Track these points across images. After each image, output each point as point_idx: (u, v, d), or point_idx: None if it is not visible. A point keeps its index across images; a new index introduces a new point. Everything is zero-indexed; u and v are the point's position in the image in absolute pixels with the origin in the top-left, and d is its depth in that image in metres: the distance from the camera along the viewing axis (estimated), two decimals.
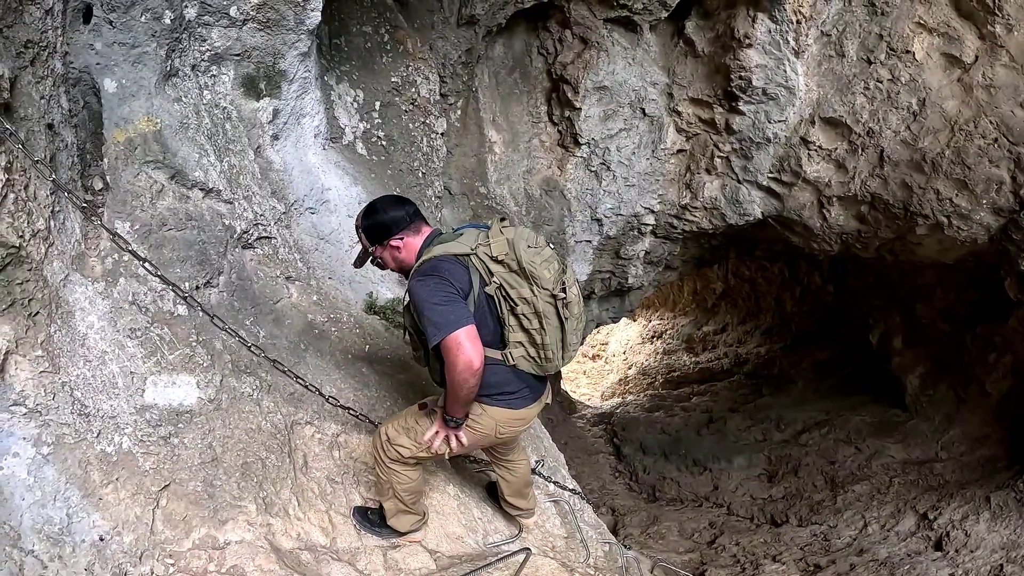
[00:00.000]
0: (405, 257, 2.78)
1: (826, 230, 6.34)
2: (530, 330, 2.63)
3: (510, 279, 2.59)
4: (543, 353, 2.67)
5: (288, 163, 3.94)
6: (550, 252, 2.69)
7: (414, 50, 4.81)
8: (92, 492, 2.61)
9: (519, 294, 2.58)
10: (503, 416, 2.80)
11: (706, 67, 5.95)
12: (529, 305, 2.59)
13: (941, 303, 8.34)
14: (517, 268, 2.57)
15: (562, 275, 2.66)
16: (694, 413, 10.84)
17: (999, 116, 5.06)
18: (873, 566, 6.05)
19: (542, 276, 2.58)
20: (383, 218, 2.77)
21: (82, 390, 2.70)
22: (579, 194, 6.39)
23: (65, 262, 2.82)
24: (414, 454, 2.86)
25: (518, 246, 2.58)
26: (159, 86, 3.31)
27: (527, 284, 2.58)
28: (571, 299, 2.63)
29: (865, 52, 5.36)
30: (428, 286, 2.54)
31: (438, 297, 2.52)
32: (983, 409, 7.69)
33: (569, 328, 2.67)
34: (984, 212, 5.41)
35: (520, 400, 2.81)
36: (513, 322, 2.63)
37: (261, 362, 3.21)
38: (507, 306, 2.61)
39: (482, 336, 2.63)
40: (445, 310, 2.50)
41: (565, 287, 2.62)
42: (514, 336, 2.65)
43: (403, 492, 2.96)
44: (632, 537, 7.31)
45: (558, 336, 2.66)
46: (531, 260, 2.58)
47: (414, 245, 2.76)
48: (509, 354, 2.68)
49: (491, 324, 2.67)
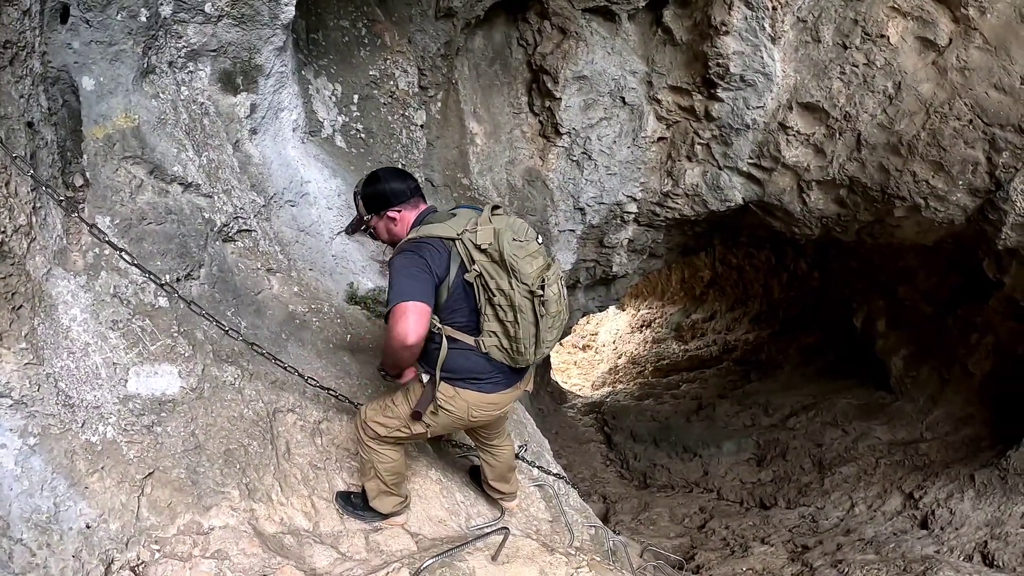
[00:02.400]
0: (399, 230, 2.83)
1: (806, 214, 6.40)
2: (504, 322, 2.66)
3: (491, 268, 2.61)
4: (515, 346, 2.71)
5: (267, 157, 3.98)
6: (536, 247, 2.70)
7: (392, 43, 4.85)
8: (78, 481, 2.66)
9: (497, 285, 2.61)
10: (475, 399, 2.84)
11: (685, 55, 6.00)
12: (506, 297, 2.62)
13: (923, 286, 8.43)
14: (499, 259, 2.59)
15: (544, 271, 2.66)
16: (684, 400, 10.94)
17: (973, 98, 5.12)
18: (860, 545, 6.13)
19: (523, 270, 2.60)
20: (384, 188, 2.82)
21: (66, 381, 2.76)
22: (561, 184, 6.44)
23: (47, 256, 2.86)
24: (391, 432, 2.93)
25: (503, 237, 2.59)
26: (137, 83, 3.35)
27: (507, 276, 2.60)
28: (549, 297, 2.64)
29: (841, 37, 5.41)
30: (404, 259, 2.61)
31: (408, 270, 2.58)
32: (966, 389, 7.79)
33: (544, 325, 2.69)
34: (960, 193, 5.48)
35: (492, 384, 2.85)
36: (489, 312, 2.67)
37: (243, 351, 3.26)
38: (485, 295, 2.64)
39: (457, 321, 2.71)
40: (408, 282, 2.56)
41: (544, 284, 2.63)
42: (488, 325, 2.69)
43: (384, 472, 3.02)
44: (623, 524, 7.38)
45: (532, 332, 2.69)
46: (513, 253, 2.59)
47: (409, 219, 2.82)
48: (482, 342, 2.73)
49: (467, 310, 2.71)
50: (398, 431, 2.93)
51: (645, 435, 9.96)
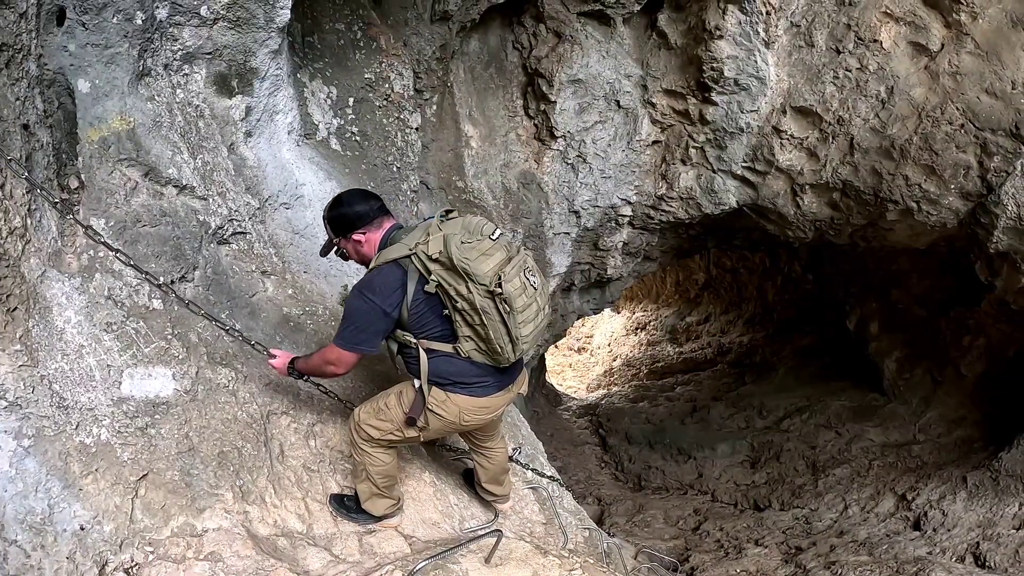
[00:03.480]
0: (367, 251, 2.89)
1: (800, 217, 6.43)
2: (474, 325, 2.67)
3: (447, 276, 2.61)
4: (491, 347, 2.70)
5: (262, 159, 3.99)
6: (490, 244, 2.66)
7: (387, 46, 4.86)
8: (72, 483, 2.67)
9: (456, 291, 2.61)
10: (466, 403, 2.86)
11: (679, 59, 6.02)
12: (467, 301, 2.61)
13: (916, 289, 8.47)
14: (451, 265, 2.59)
15: (503, 267, 2.62)
16: (678, 402, 10.97)
17: (965, 102, 5.15)
18: (853, 547, 6.17)
19: (476, 271, 2.57)
20: (347, 212, 2.88)
21: (60, 383, 2.76)
22: (556, 187, 6.46)
23: (42, 259, 2.87)
24: (384, 436, 2.95)
25: (450, 243, 2.58)
26: (132, 85, 3.36)
27: (463, 281, 2.59)
28: (509, 293, 2.59)
29: (834, 42, 5.44)
30: (355, 304, 2.74)
31: (358, 320, 2.73)
32: (959, 391, 7.84)
33: (512, 322, 2.65)
34: (952, 197, 5.51)
35: (482, 388, 2.87)
36: (458, 318, 2.69)
37: (237, 353, 3.27)
38: (449, 303, 2.66)
39: (430, 332, 2.76)
40: (355, 332, 2.75)
41: (501, 281, 2.58)
42: (462, 331, 2.72)
43: (376, 475, 3.03)
44: (618, 526, 7.40)
45: (503, 331, 2.67)
46: (463, 257, 2.57)
47: (375, 239, 2.87)
48: (460, 348, 2.75)
49: (437, 321, 2.74)
50: (391, 434, 2.95)
51: (640, 437, 9.99)
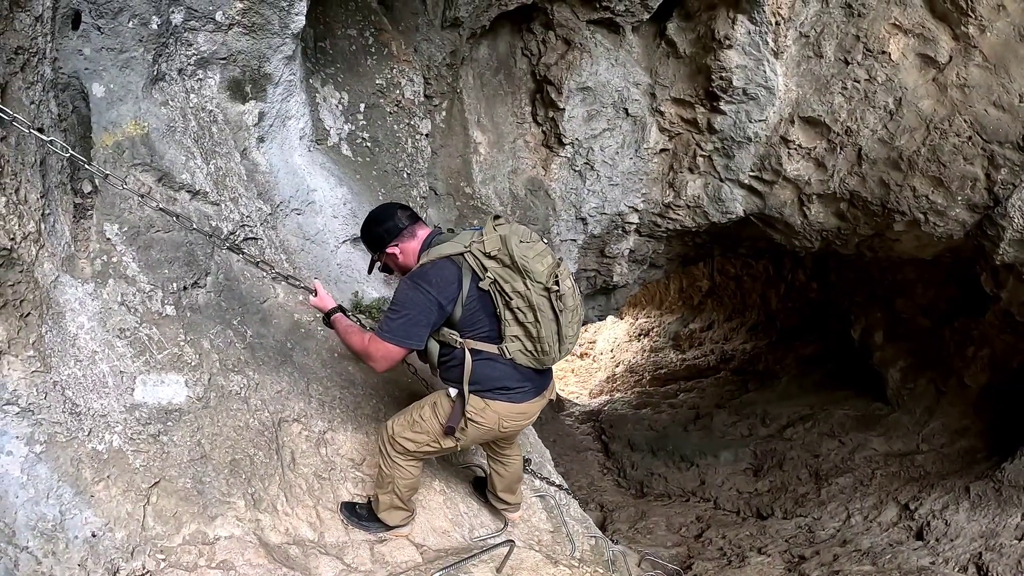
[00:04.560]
0: (404, 262, 2.90)
1: (807, 227, 6.43)
2: (525, 323, 2.72)
3: (504, 274, 2.67)
4: (540, 346, 2.76)
5: (274, 165, 3.99)
6: (543, 247, 2.78)
7: (399, 52, 4.86)
8: (84, 489, 2.66)
9: (513, 288, 2.67)
10: (505, 410, 2.88)
11: (688, 68, 6.03)
12: (523, 299, 2.68)
13: (921, 299, 8.46)
14: (510, 263, 2.66)
15: (556, 268, 2.73)
16: (681, 409, 10.94)
17: (973, 115, 5.16)
18: (856, 556, 6.15)
19: (535, 270, 2.66)
20: (377, 229, 2.92)
21: (73, 389, 2.76)
22: (564, 193, 6.46)
23: (55, 264, 2.87)
24: (420, 448, 2.96)
25: (510, 241, 2.66)
26: (146, 90, 3.36)
27: (520, 278, 2.66)
28: (564, 291, 2.71)
29: (842, 53, 5.45)
30: (409, 294, 2.68)
31: (412, 311, 2.67)
32: (962, 401, 7.83)
33: (564, 320, 2.74)
34: (959, 208, 5.52)
35: (522, 395, 2.89)
36: (509, 316, 2.72)
37: (248, 360, 3.27)
38: (502, 300, 2.70)
39: (478, 331, 2.77)
40: (406, 324, 2.68)
41: (558, 280, 2.70)
42: (510, 330, 2.74)
43: (403, 487, 3.05)
44: (620, 532, 7.38)
45: (554, 328, 2.75)
46: (523, 254, 2.66)
47: (411, 249, 2.88)
48: (506, 348, 2.78)
49: (486, 320, 2.76)
50: (427, 446, 2.95)
51: (642, 444, 9.97)
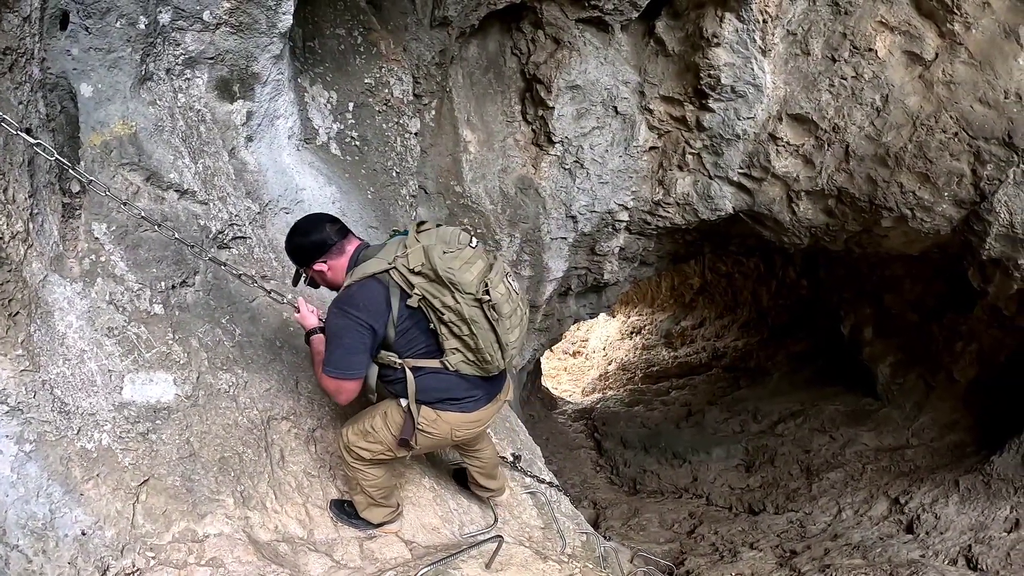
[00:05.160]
0: (332, 278, 2.79)
1: (795, 224, 6.47)
2: (462, 336, 2.62)
3: (431, 288, 2.56)
4: (481, 356, 2.67)
5: (262, 164, 4.00)
6: (471, 252, 2.63)
7: (387, 51, 4.87)
8: (74, 488, 2.67)
9: (442, 302, 2.56)
10: (457, 420, 2.83)
11: (676, 66, 6.05)
12: (455, 312, 2.57)
13: (909, 294, 8.53)
14: (435, 277, 2.54)
15: (486, 275, 2.60)
16: (673, 407, 11.00)
17: (959, 111, 5.20)
18: (847, 550, 6.20)
19: (462, 281, 2.53)
20: (303, 242, 2.77)
21: (62, 388, 2.76)
22: (554, 192, 6.48)
23: (44, 263, 2.88)
24: (375, 456, 2.92)
25: (432, 254, 2.53)
26: (134, 90, 3.37)
27: (448, 291, 2.55)
28: (497, 300, 2.58)
29: (830, 50, 5.49)
30: (340, 323, 2.57)
31: (346, 340, 2.57)
32: (951, 396, 7.90)
33: (501, 328, 2.63)
34: (946, 204, 5.56)
35: (473, 403, 2.84)
36: (444, 330, 2.63)
37: (237, 359, 3.28)
38: (435, 315, 2.60)
39: (416, 349, 2.68)
40: (345, 356, 2.57)
41: (488, 288, 2.57)
42: (449, 344, 2.66)
43: (370, 488, 3.03)
44: (614, 529, 7.42)
45: (492, 338, 2.64)
46: (448, 267, 2.53)
47: (340, 265, 2.75)
48: (447, 361, 2.69)
49: (422, 337, 2.68)
50: (382, 455, 2.92)
51: (635, 441, 10.01)
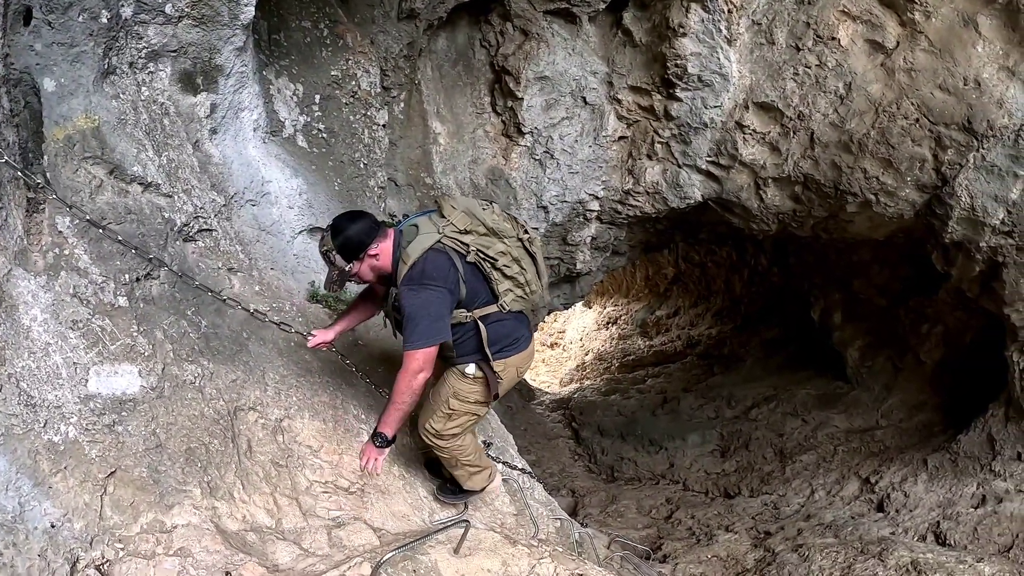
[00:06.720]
0: (382, 264, 3.02)
1: (763, 211, 6.56)
2: (513, 276, 3.05)
3: (483, 241, 2.96)
4: (529, 288, 3.13)
5: (227, 156, 3.99)
6: (498, 208, 3.10)
7: (354, 44, 4.88)
8: (42, 481, 2.66)
9: (496, 250, 2.98)
10: (517, 360, 3.23)
11: (644, 56, 6.11)
12: (506, 256, 3.00)
13: (877, 279, 8.66)
14: (486, 230, 2.96)
15: (514, 222, 3.09)
16: (649, 395, 11.09)
17: (920, 98, 5.30)
18: (819, 530, 6.32)
19: (503, 229, 2.99)
20: (356, 233, 2.98)
21: (28, 381, 2.76)
22: (524, 182, 6.52)
23: (8, 257, 2.86)
24: (464, 427, 3.28)
25: (477, 213, 2.96)
26: (97, 84, 3.36)
27: (498, 239, 2.98)
28: (533, 235, 3.11)
29: (794, 39, 5.57)
30: (422, 296, 2.85)
31: (433, 308, 2.86)
32: (919, 377, 8.05)
33: (539, 259, 3.14)
34: (909, 189, 5.67)
35: (524, 342, 3.25)
36: (497, 275, 3.01)
37: (203, 350, 3.29)
38: (488, 264, 2.98)
39: (479, 300, 3.04)
40: (433, 324, 2.87)
41: (527, 229, 3.10)
42: (502, 286, 3.04)
43: (467, 459, 3.41)
44: (592, 516, 7.48)
45: (535, 270, 3.13)
46: (493, 220, 2.98)
47: (388, 248, 3.00)
48: (503, 303, 3.07)
49: (482, 288, 3.03)
50: (469, 422, 3.27)
51: (612, 429, 10.09)
